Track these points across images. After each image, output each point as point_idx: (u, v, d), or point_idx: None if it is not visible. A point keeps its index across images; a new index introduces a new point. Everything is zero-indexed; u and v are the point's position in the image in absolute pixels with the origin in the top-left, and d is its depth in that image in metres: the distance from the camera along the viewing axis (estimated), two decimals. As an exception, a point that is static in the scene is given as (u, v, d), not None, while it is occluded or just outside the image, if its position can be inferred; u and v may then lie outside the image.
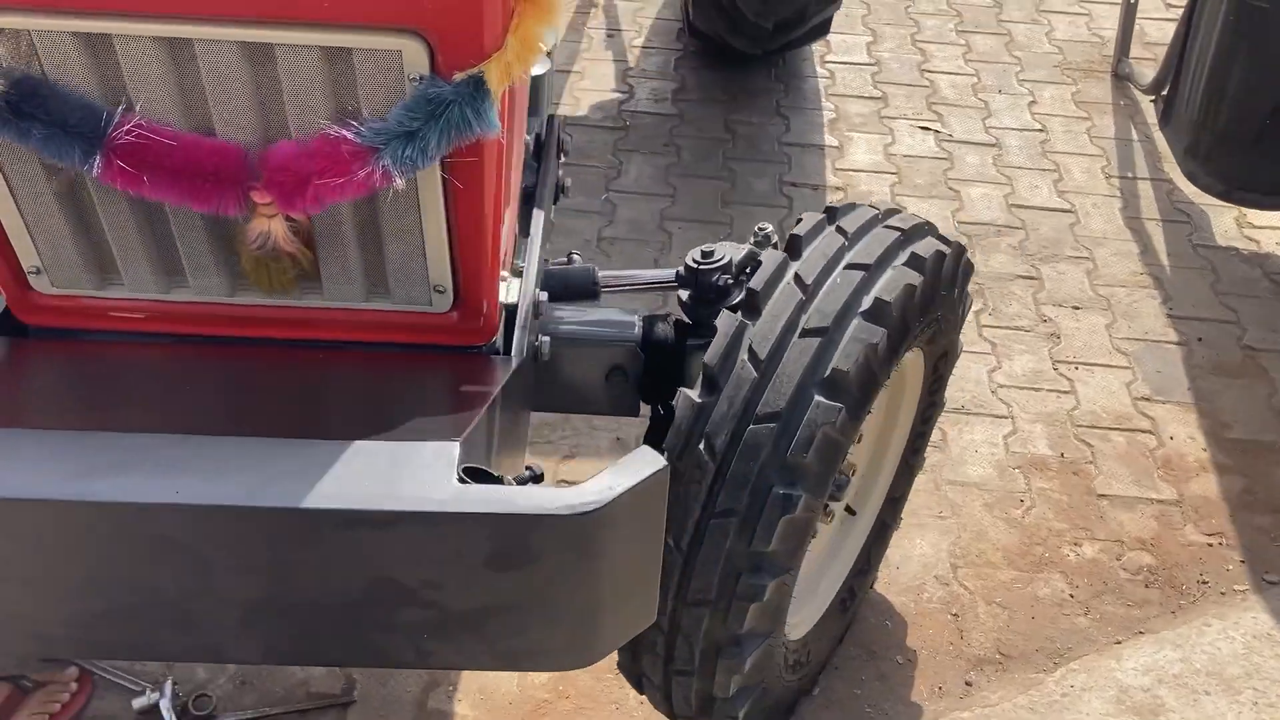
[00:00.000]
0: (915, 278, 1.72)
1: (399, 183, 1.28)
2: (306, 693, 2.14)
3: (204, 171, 1.28)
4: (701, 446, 1.58)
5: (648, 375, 1.90)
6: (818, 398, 1.59)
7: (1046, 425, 2.78)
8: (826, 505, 2.00)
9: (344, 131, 1.25)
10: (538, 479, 0.97)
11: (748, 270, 1.82)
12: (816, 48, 4.19)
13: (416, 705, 2.13)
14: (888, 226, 1.82)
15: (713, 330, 1.63)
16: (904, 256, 1.76)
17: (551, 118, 2.01)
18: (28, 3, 1.17)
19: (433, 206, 1.38)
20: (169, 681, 2.07)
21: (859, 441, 2.04)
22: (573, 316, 1.87)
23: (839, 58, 4.18)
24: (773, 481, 1.57)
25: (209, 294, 1.49)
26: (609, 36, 4.25)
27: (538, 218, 1.82)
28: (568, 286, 1.97)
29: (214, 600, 0.93)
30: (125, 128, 1.25)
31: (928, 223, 1.90)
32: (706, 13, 3.75)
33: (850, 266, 1.72)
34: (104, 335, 1.55)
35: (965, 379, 2.88)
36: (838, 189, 3.54)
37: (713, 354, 1.62)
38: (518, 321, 1.61)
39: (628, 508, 0.92)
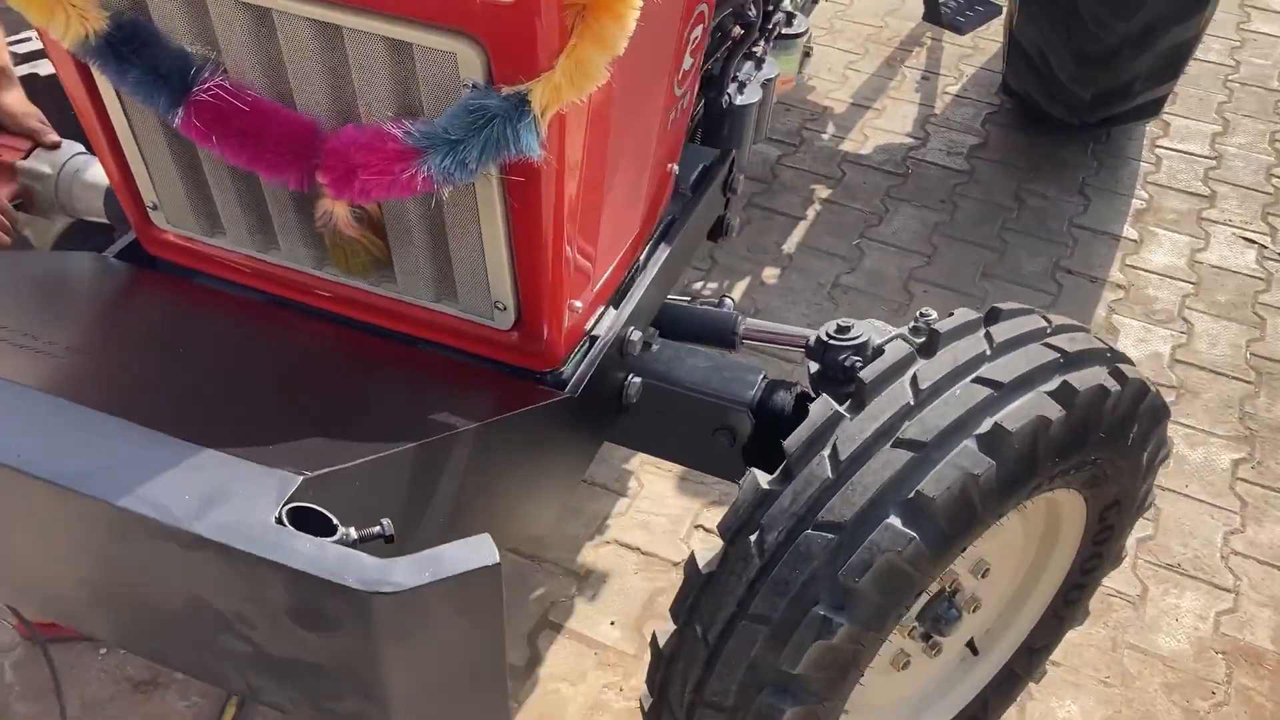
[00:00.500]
0: (1054, 410, 1.46)
1: (444, 190, 1.23)
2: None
3: (271, 140, 1.28)
4: (753, 537, 1.43)
5: (757, 442, 1.75)
6: (890, 519, 1.39)
7: (1278, 613, 2.35)
8: (929, 636, 1.77)
9: (395, 129, 1.20)
10: (386, 539, 0.87)
11: None
12: (1151, 128, 3.76)
13: None
14: (1048, 344, 1.57)
15: None
16: (1052, 383, 1.50)
17: (728, 152, 1.88)
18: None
19: (490, 220, 1.31)
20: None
21: (984, 577, 1.78)
22: (688, 361, 1.75)
23: (1174, 144, 3.73)
24: (816, 599, 1.39)
25: (297, 262, 1.50)
26: (923, 79, 4.02)
27: (661, 253, 1.70)
28: (701, 330, 1.84)
29: (56, 568, 0.91)
30: (207, 84, 1.26)
31: (1109, 350, 1.62)
32: (1020, 71, 3.45)
33: (979, 380, 1.49)
34: (212, 280, 1.60)
35: (1192, 534, 2.48)
36: (1119, 286, 3.16)
37: (794, 440, 1.46)
38: (589, 356, 1.52)
39: (442, 599, 0.81)
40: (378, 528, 0.86)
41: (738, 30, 1.95)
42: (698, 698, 1.51)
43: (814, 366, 1.72)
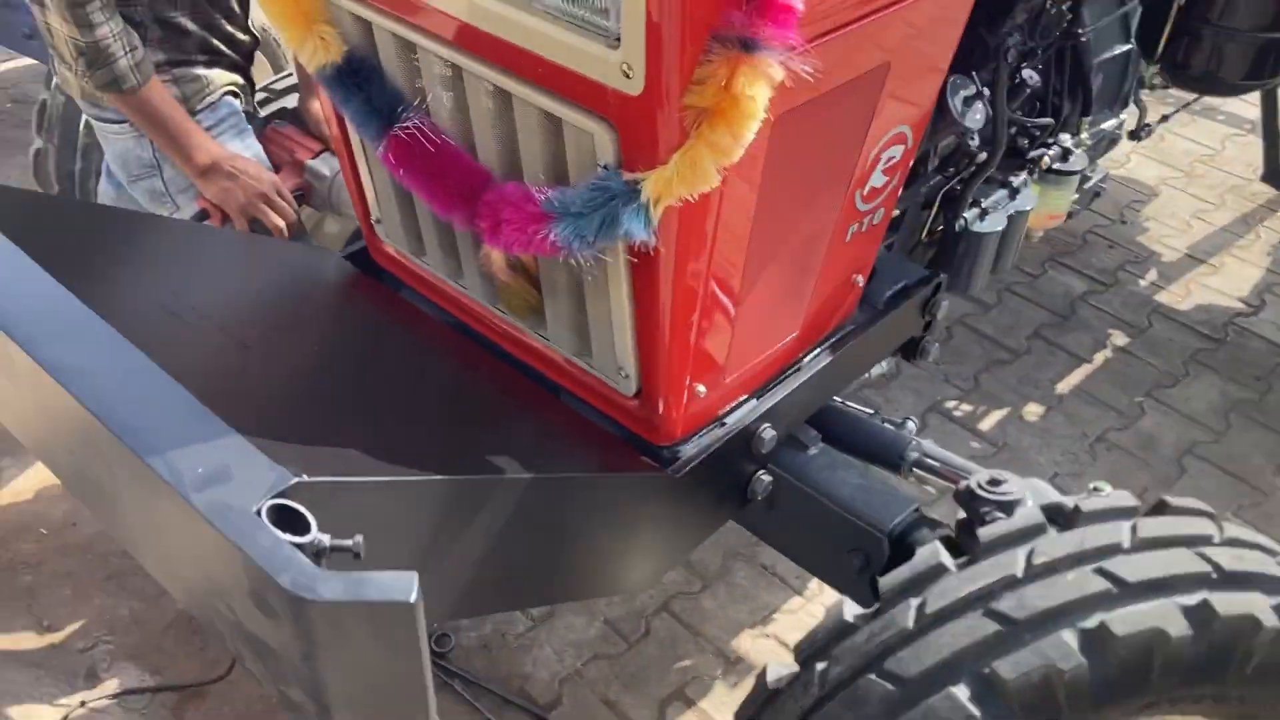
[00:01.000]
0: (1178, 626, 1.32)
1: (573, 257, 1.31)
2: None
3: (448, 181, 1.41)
4: (819, 666, 1.40)
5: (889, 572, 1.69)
6: (955, 688, 1.31)
7: None
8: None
9: (537, 193, 1.30)
10: (354, 554, 0.95)
11: None
12: None
13: None
14: (1202, 554, 1.41)
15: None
16: (1191, 598, 1.35)
17: (934, 275, 1.84)
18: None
19: (616, 291, 1.38)
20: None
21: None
22: (840, 473, 1.72)
23: None
24: None
25: (476, 294, 1.64)
26: (1281, 243, 3.66)
27: (823, 358, 1.69)
28: (868, 445, 1.81)
29: (93, 472, 1.08)
30: (407, 123, 1.42)
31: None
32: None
33: (1101, 572, 1.37)
34: (415, 295, 1.78)
35: None
36: None
37: (889, 580, 1.41)
38: (708, 440, 1.54)
39: (359, 620, 0.88)
40: (349, 542, 0.94)
41: (982, 156, 1.90)
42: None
43: (961, 514, 1.64)
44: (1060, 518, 1.45)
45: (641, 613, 2.43)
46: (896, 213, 1.93)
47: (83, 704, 2.18)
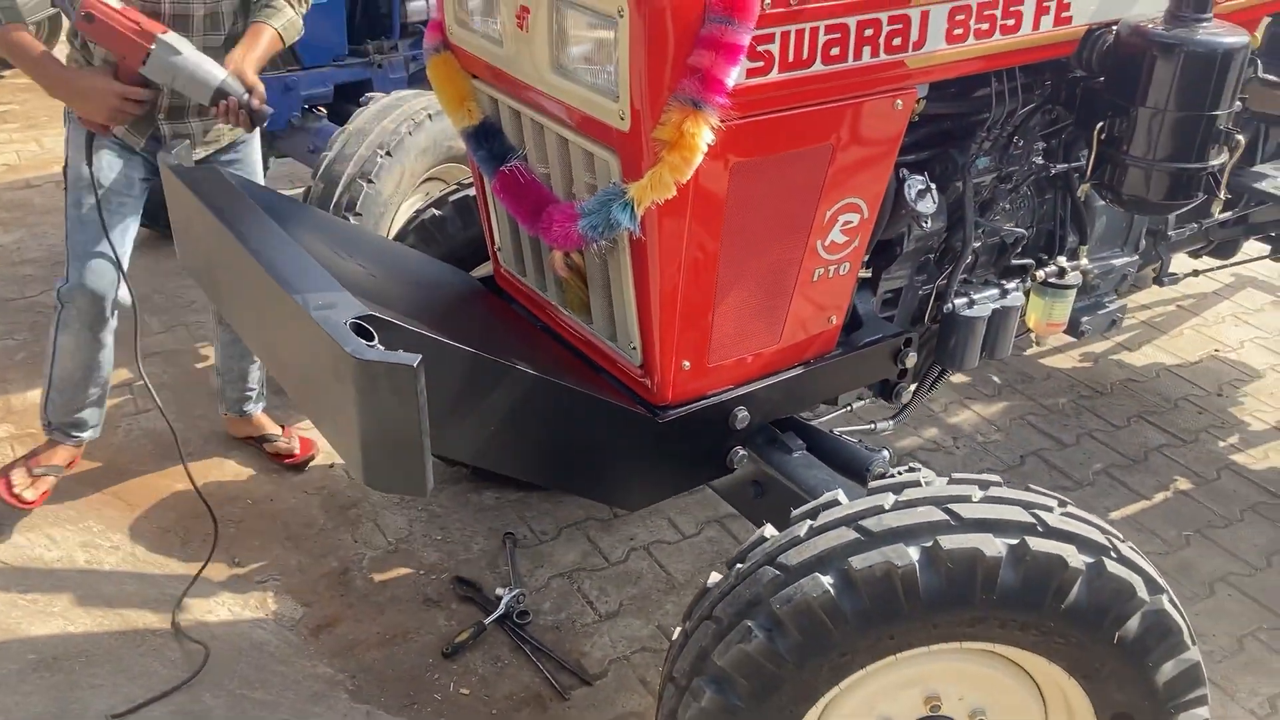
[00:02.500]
0: (995, 550, 1.76)
1: (594, 245, 1.96)
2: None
3: (528, 202, 2.11)
4: (739, 565, 1.90)
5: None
6: (820, 575, 1.78)
7: None
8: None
9: (574, 200, 1.98)
10: (411, 366, 1.58)
11: None
12: None
13: (603, 705, 2.63)
14: (1035, 514, 1.84)
15: None
16: (1012, 538, 1.79)
17: (905, 334, 2.36)
18: (486, 77, 2.14)
19: (624, 277, 2.02)
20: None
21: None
22: (810, 470, 2.23)
23: None
24: (753, 615, 1.81)
25: (551, 297, 2.31)
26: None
27: (796, 372, 2.24)
28: (836, 458, 2.30)
29: (250, 309, 1.80)
30: (510, 164, 2.15)
31: (1041, 524, 1.81)
32: None
33: (945, 510, 1.82)
34: (521, 308, 2.47)
35: None
36: None
37: (799, 510, 1.92)
38: (690, 408, 2.11)
39: (381, 374, 1.50)
40: (410, 356, 1.58)
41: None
42: (669, 673, 1.98)
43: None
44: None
45: (688, 624, 2.92)
46: (898, 287, 2.48)
47: (250, 618, 2.87)
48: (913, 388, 2.51)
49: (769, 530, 1.92)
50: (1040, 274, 2.61)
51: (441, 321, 2.19)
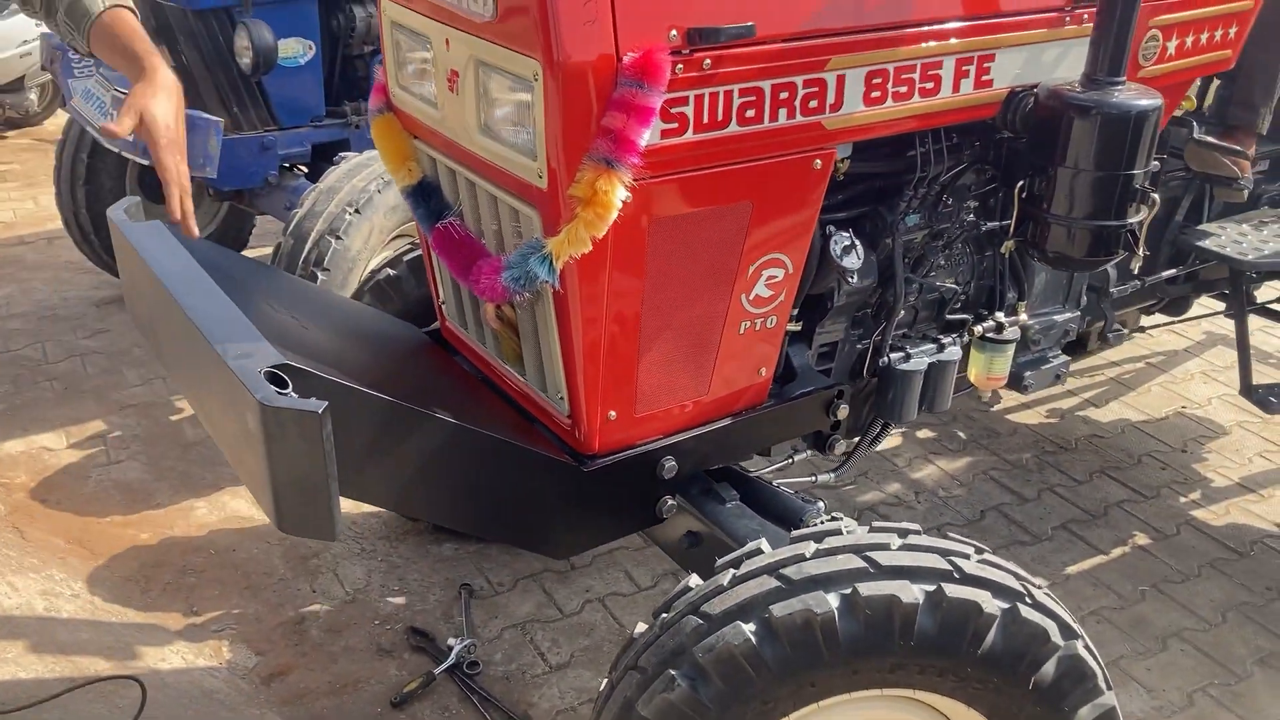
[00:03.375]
0: (912, 597, 1.79)
1: (519, 297, 2.03)
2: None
3: (461, 256, 2.18)
4: (664, 615, 1.91)
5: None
6: (741, 624, 1.80)
7: None
8: None
9: (500, 257, 2.05)
10: (315, 413, 1.64)
11: None
12: None
13: None
14: (951, 560, 1.87)
15: None
16: (929, 585, 1.82)
17: (837, 387, 2.42)
18: (426, 138, 2.22)
19: (544, 330, 2.08)
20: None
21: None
22: (740, 520, 2.27)
23: None
24: (677, 665, 1.82)
25: (489, 349, 2.37)
26: (1338, 483, 3.85)
27: (724, 423, 2.29)
28: (775, 508, 2.34)
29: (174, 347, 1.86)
30: (445, 220, 2.22)
31: (958, 571, 1.86)
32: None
33: (864, 557, 1.87)
34: (464, 360, 2.53)
35: None
36: None
37: (723, 560, 1.94)
38: (618, 459, 2.16)
39: (288, 421, 1.56)
40: (315, 401, 1.64)
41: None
42: (596, 721, 2.00)
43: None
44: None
45: (637, 675, 2.93)
46: (834, 341, 2.53)
47: (203, 665, 2.90)
48: (845, 442, 2.54)
49: (694, 580, 1.96)
50: (978, 329, 2.66)
51: (377, 373, 2.26)
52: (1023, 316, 2.74)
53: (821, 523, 2.11)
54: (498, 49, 1.89)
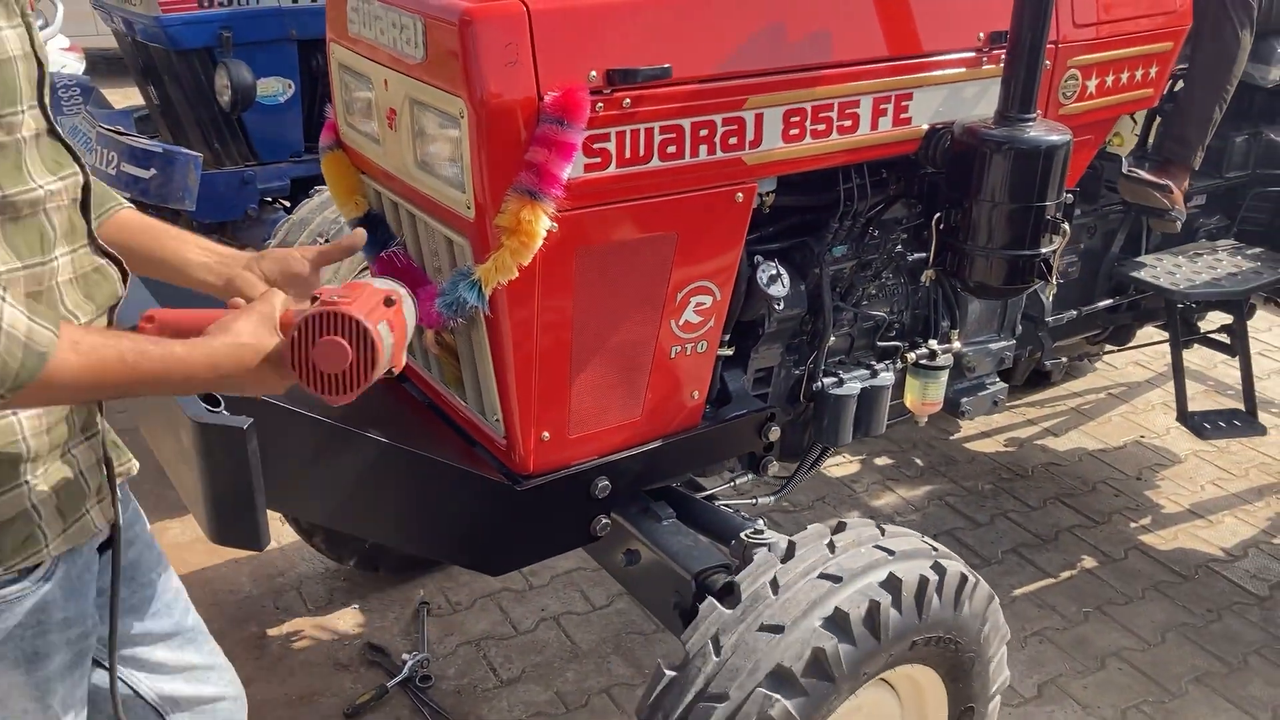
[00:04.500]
0: (879, 593, 1.95)
1: (453, 322, 2.14)
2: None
3: (403, 284, 2.29)
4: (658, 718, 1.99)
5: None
6: (761, 690, 1.89)
7: None
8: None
9: (433, 283, 2.16)
10: (241, 428, 1.75)
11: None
12: None
13: None
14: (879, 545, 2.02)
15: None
16: (880, 574, 1.97)
17: (766, 410, 2.52)
18: (372, 173, 2.34)
19: (480, 353, 2.19)
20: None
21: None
22: (675, 537, 2.36)
23: None
24: None
25: (427, 371, 2.49)
26: (1286, 510, 3.94)
27: (657, 444, 2.39)
28: (712, 525, 2.44)
29: None
30: (389, 249, 2.34)
31: (934, 548, 2.06)
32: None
33: (823, 575, 1.98)
34: (409, 384, 2.64)
35: None
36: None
37: (688, 635, 2.02)
38: (552, 479, 2.26)
39: (214, 436, 1.65)
40: (241, 418, 1.75)
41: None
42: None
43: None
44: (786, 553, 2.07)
45: (588, 690, 3.03)
46: (768, 366, 2.64)
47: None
48: (779, 464, 2.65)
49: (669, 668, 1.98)
50: (911, 356, 2.77)
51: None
52: (956, 344, 2.85)
53: (760, 537, 2.22)
54: (429, 88, 2.01)
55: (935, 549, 2.14)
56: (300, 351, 1.39)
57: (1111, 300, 3.33)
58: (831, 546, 2.06)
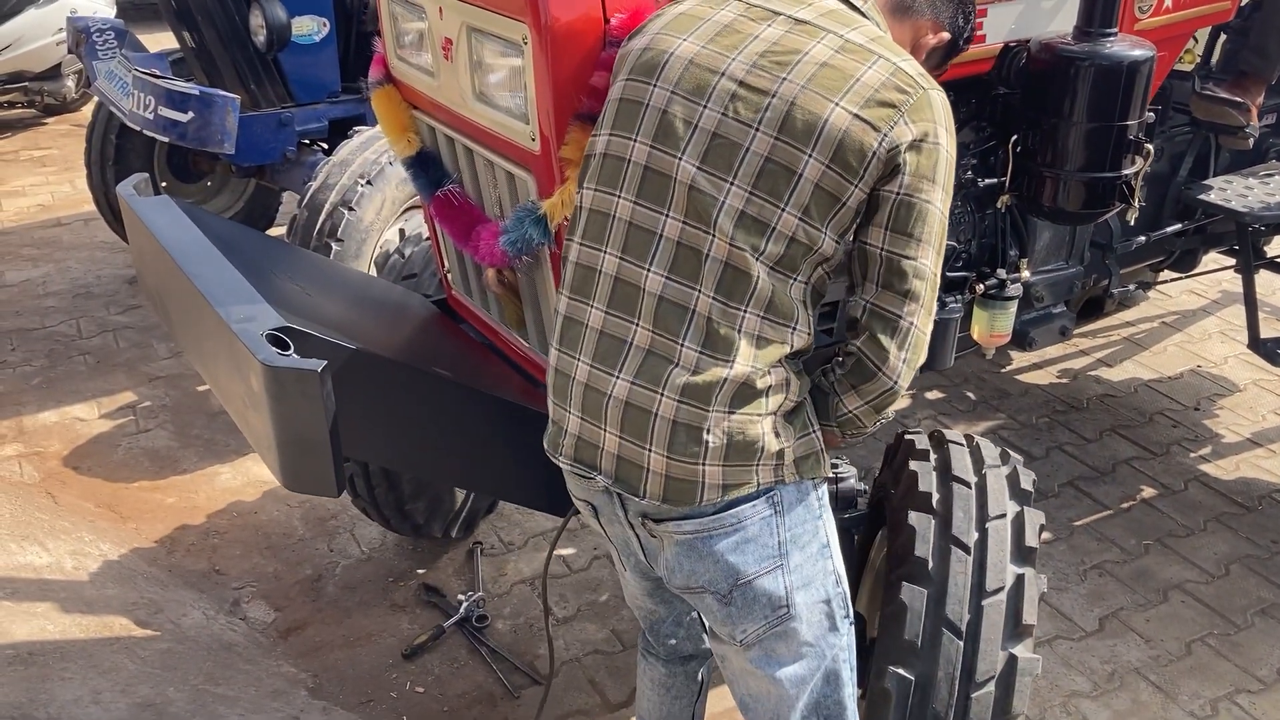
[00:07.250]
0: None
1: (518, 260, 2.08)
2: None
3: (460, 222, 2.24)
4: None
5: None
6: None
7: None
8: None
9: (497, 220, 2.10)
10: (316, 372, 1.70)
11: None
12: None
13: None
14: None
15: None
16: None
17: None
18: (425, 108, 2.27)
19: (543, 291, 2.13)
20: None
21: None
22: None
23: None
24: None
25: (493, 316, 2.43)
26: (1351, 439, 3.84)
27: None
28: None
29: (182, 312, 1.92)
30: (445, 189, 2.28)
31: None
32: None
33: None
34: (469, 327, 2.59)
35: None
36: None
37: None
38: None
39: (290, 379, 1.62)
40: (315, 361, 1.70)
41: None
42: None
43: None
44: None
45: (645, 630, 3.00)
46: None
47: (224, 620, 3.00)
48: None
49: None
50: (980, 287, 2.69)
51: (382, 338, 2.31)
52: (1025, 274, 2.76)
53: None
54: (488, 14, 1.93)
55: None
56: None
57: (1179, 225, 3.22)
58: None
